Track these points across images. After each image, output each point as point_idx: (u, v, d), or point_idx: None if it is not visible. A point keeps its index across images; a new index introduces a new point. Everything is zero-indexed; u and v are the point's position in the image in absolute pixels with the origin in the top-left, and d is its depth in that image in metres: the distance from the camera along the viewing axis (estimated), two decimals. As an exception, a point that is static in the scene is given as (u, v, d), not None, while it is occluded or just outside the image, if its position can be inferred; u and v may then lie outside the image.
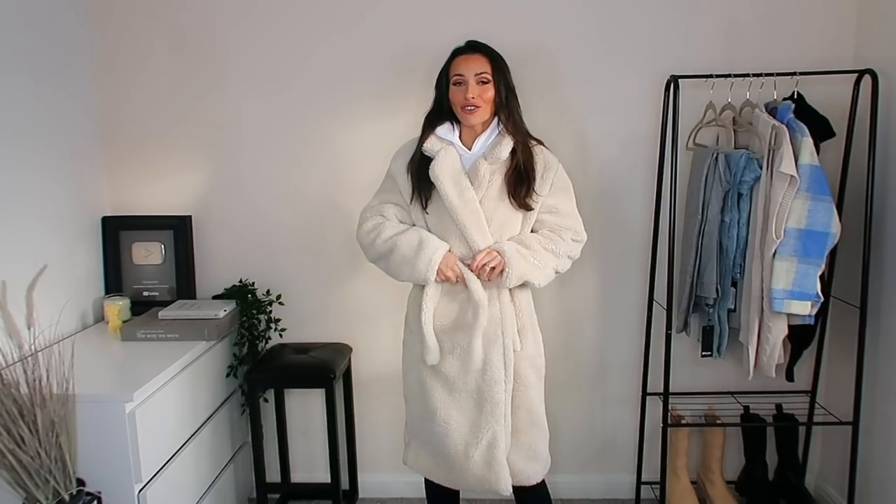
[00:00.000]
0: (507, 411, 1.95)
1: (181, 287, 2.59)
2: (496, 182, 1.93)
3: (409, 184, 1.99)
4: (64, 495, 1.66)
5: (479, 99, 1.89)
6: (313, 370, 2.37)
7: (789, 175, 2.07)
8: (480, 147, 1.96)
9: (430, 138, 1.97)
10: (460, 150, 1.97)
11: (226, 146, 2.57)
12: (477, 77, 1.89)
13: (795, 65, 2.25)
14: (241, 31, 2.50)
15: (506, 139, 1.93)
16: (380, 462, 2.71)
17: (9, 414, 1.58)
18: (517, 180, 1.92)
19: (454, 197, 1.90)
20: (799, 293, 2.12)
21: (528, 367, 2.00)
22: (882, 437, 2.29)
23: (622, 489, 2.71)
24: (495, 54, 1.94)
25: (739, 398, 2.53)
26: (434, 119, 1.99)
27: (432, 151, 1.95)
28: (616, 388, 2.68)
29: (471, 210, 1.91)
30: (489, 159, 1.93)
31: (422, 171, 1.95)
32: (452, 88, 1.93)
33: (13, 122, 2.10)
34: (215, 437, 2.35)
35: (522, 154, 1.93)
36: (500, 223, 1.95)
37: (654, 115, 2.40)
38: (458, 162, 1.94)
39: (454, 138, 1.97)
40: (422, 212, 1.99)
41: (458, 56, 1.94)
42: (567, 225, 2.02)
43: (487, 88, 1.90)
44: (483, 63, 1.91)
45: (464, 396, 1.95)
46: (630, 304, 2.60)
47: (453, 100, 1.94)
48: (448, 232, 1.94)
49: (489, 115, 1.94)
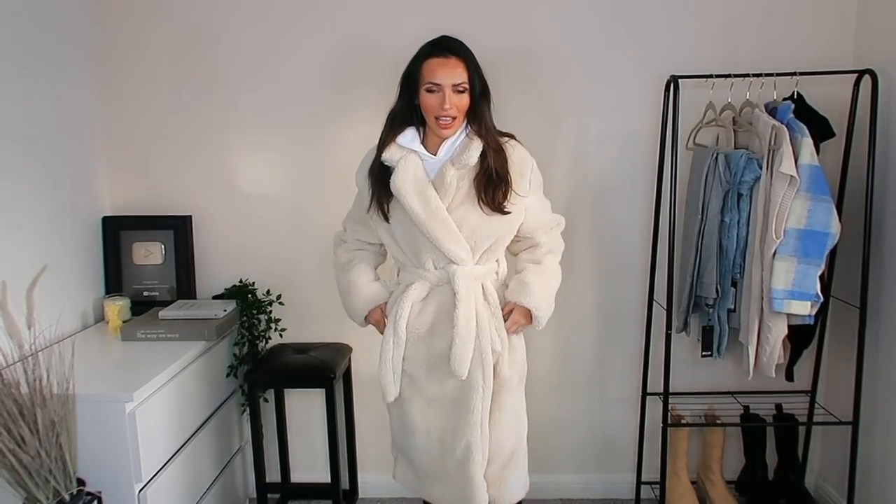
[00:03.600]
0: (483, 419, 1.84)
1: (181, 287, 2.59)
2: (463, 187, 1.80)
3: (368, 194, 1.87)
4: (64, 495, 1.66)
5: (454, 109, 1.76)
6: (313, 370, 2.37)
7: (789, 175, 2.07)
8: (447, 152, 1.82)
9: (390, 147, 1.82)
10: (424, 156, 1.83)
11: (226, 146, 2.57)
12: (454, 87, 1.75)
13: (795, 65, 2.25)
14: (241, 31, 2.50)
15: (475, 142, 1.80)
16: (380, 462, 2.71)
17: (9, 414, 1.58)
18: (486, 184, 1.79)
19: (419, 209, 1.77)
20: (799, 293, 2.12)
21: (507, 366, 1.89)
22: (882, 437, 2.29)
23: (622, 489, 2.71)
24: (470, 55, 1.80)
25: (739, 398, 2.53)
26: (397, 121, 1.84)
27: (392, 161, 1.81)
28: (616, 388, 2.68)
29: (440, 220, 1.77)
30: (457, 164, 1.79)
31: (382, 181, 1.83)
32: (425, 94, 1.78)
33: (13, 121, 2.09)
34: (215, 437, 2.35)
35: (495, 160, 1.80)
36: (471, 229, 1.81)
37: (654, 115, 2.40)
38: (420, 170, 1.81)
39: (417, 146, 1.83)
40: (382, 222, 1.87)
41: (433, 58, 1.77)
42: (549, 220, 1.97)
43: (464, 97, 1.78)
44: (461, 71, 1.76)
45: (444, 404, 1.87)
46: (630, 304, 2.60)
47: (426, 106, 1.79)
48: (419, 245, 1.83)
49: (461, 123, 1.82)
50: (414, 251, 1.85)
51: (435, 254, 1.82)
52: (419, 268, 1.87)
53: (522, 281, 1.91)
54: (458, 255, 1.81)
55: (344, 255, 2.04)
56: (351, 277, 1.99)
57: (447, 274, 1.83)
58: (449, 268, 1.83)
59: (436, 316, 1.87)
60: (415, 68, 1.80)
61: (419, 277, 1.87)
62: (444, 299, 1.85)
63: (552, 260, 1.98)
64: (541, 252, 1.96)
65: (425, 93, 1.78)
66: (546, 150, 2.39)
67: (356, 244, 2.04)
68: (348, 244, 2.05)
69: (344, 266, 2.03)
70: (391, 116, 1.86)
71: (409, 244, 1.85)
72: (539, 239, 1.96)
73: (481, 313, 1.84)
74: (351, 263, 2.01)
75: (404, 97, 1.84)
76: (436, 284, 1.86)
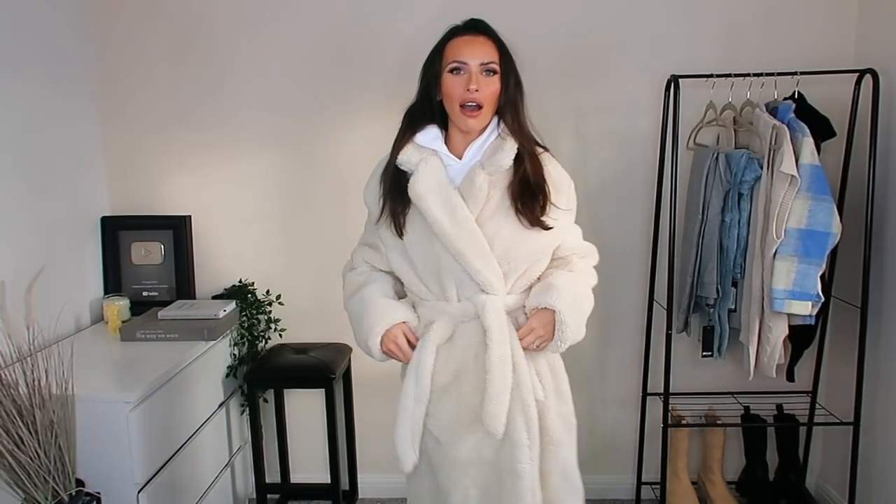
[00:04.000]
0: (535, 486, 1.51)
1: (181, 287, 2.59)
2: (495, 196, 1.52)
3: (379, 204, 1.58)
4: (63, 496, 1.65)
5: (482, 93, 1.48)
6: (313, 370, 2.36)
7: (790, 175, 2.06)
8: (474, 154, 1.54)
9: (407, 148, 1.55)
10: (447, 159, 1.55)
11: (226, 146, 2.57)
12: (483, 66, 1.49)
13: (796, 64, 2.24)
14: (241, 32, 2.50)
15: (508, 142, 1.52)
16: (380, 462, 2.70)
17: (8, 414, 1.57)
18: (523, 192, 1.51)
19: (444, 220, 1.47)
20: (799, 293, 2.11)
21: (556, 419, 1.57)
22: (883, 437, 2.29)
23: (622, 489, 2.70)
24: (501, 39, 1.55)
25: (740, 398, 2.52)
26: (416, 118, 1.58)
27: (409, 164, 1.53)
28: (616, 389, 2.68)
29: (468, 232, 1.48)
30: (488, 168, 1.51)
31: (396, 189, 1.54)
32: (447, 77, 1.51)
33: (13, 121, 2.09)
34: (215, 437, 2.35)
35: (531, 163, 1.52)
36: (504, 247, 1.50)
37: (654, 115, 2.40)
38: (443, 174, 1.53)
39: (440, 145, 1.56)
40: (396, 241, 1.56)
41: (458, 37, 1.52)
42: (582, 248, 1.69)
43: (493, 81, 1.50)
44: (490, 49, 1.50)
45: (483, 472, 1.52)
46: (630, 305, 2.60)
47: (448, 91, 1.51)
48: (440, 267, 1.51)
49: (490, 117, 1.55)
50: (434, 275, 1.54)
51: (460, 279, 1.51)
52: (440, 300, 1.56)
53: (548, 282, 1.56)
54: (489, 279, 1.49)
55: (354, 279, 1.70)
56: (363, 295, 1.62)
57: (474, 307, 1.52)
58: (477, 299, 1.51)
59: (462, 361, 1.53)
60: (437, 53, 1.54)
61: (440, 313, 1.56)
62: (471, 339, 1.53)
63: (586, 278, 1.66)
64: (573, 267, 1.64)
65: (448, 76, 1.51)
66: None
67: (366, 267, 1.72)
68: (357, 270, 1.72)
69: (354, 291, 1.67)
70: (409, 113, 1.60)
71: (428, 266, 1.54)
72: (574, 262, 1.66)
73: (518, 355, 1.51)
74: (363, 285, 1.65)
75: (425, 89, 1.57)
76: (460, 321, 1.54)
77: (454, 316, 1.55)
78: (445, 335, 1.55)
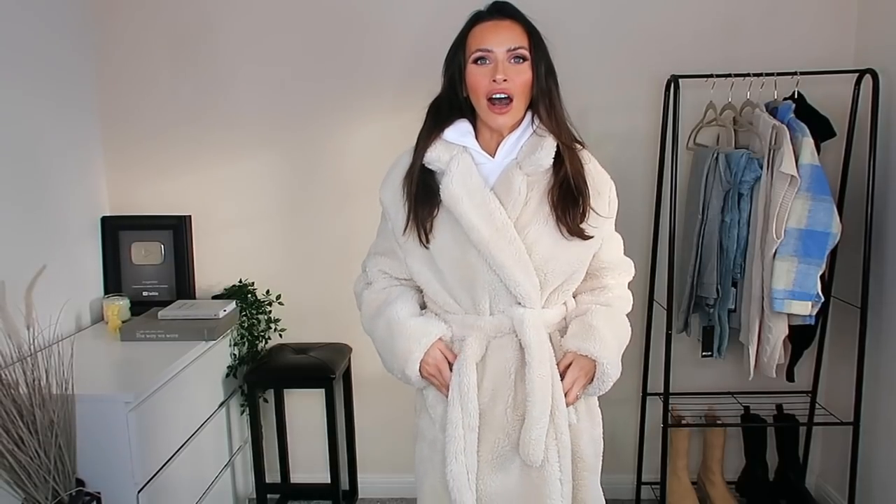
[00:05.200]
0: None
1: (181, 287, 2.59)
2: (533, 200, 1.37)
3: (404, 210, 1.40)
4: (63, 496, 1.65)
5: (512, 83, 1.32)
6: (313, 370, 2.36)
7: (790, 175, 2.06)
8: (508, 151, 1.39)
9: (435, 145, 1.38)
10: (479, 157, 1.40)
11: (226, 146, 2.57)
12: (510, 53, 1.32)
13: (796, 64, 2.24)
14: (241, 31, 2.50)
15: (547, 139, 1.36)
16: (380, 462, 2.71)
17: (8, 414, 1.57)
18: (565, 197, 1.36)
19: (482, 226, 1.32)
20: (799, 293, 2.11)
21: (587, 443, 1.46)
22: (883, 437, 2.29)
23: (622, 489, 2.70)
24: (530, 23, 1.38)
25: (740, 398, 2.52)
26: (443, 112, 1.41)
27: (439, 163, 1.37)
28: (616, 388, 2.62)
29: (507, 240, 1.32)
30: (526, 168, 1.36)
31: (424, 192, 1.38)
32: (472, 69, 1.34)
33: (13, 121, 2.09)
34: (215, 437, 2.35)
35: (571, 163, 1.37)
36: (543, 257, 1.35)
37: (654, 115, 2.40)
38: (476, 174, 1.37)
39: (471, 141, 1.40)
40: (420, 251, 1.40)
41: (481, 23, 1.36)
42: (620, 261, 1.53)
43: (524, 69, 1.33)
44: (518, 33, 1.34)
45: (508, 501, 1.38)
46: (630, 304, 2.60)
47: (473, 84, 1.34)
48: (475, 278, 1.35)
49: (523, 112, 1.38)
50: (467, 287, 1.38)
51: (495, 290, 1.36)
52: (471, 313, 1.40)
53: (588, 323, 1.41)
54: (527, 291, 1.35)
55: (373, 297, 1.51)
56: (389, 319, 1.43)
57: (509, 321, 1.37)
58: (513, 312, 1.36)
59: (496, 382, 1.39)
60: (459, 42, 1.39)
61: (471, 329, 1.40)
62: (506, 357, 1.39)
63: (623, 307, 1.53)
64: (610, 296, 1.50)
65: (472, 67, 1.34)
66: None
67: (384, 281, 1.52)
68: (374, 285, 1.53)
69: (375, 313, 1.48)
70: (434, 106, 1.43)
71: (460, 277, 1.37)
72: (607, 281, 1.51)
73: (556, 375, 1.37)
74: (386, 304, 1.47)
75: (449, 83, 1.41)
76: (493, 337, 1.39)
77: (486, 331, 1.39)
78: (480, 353, 1.39)
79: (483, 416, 1.37)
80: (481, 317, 1.39)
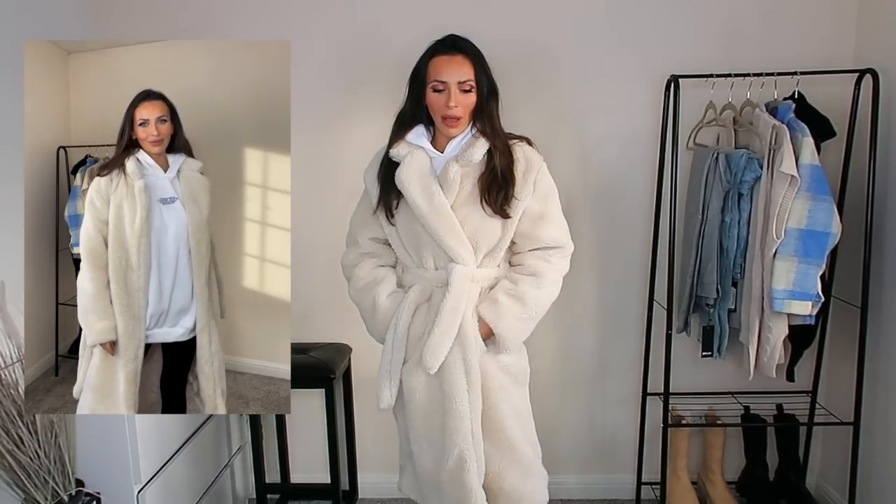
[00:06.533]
0: (475, 426, 1.76)
1: (181, 287, 2.58)
2: (467, 186, 1.78)
3: (376, 191, 1.86)
4: (63, 496, 1.65)
5: (460, 108, 1.75)
6: (313, 370, 2.36)
7: (790, 175, 2.06)
8: (453, 149, 1.81)
9: (399, 144, 1.82)
10: (431, 153, 1.82)
11: (225, 146, 2.57)
12: (460, 85, 1.74)
13: (796, 64, 2.24)
14: (242, 31, 2.49)
15: (480, 141, 1.78)
16: (380, 462, 2.70)
17: (7, 414, 1.57)
18: (491, 184, 1.76)
19: (423, 203, 1.75)
20: (799, 293, 2.11)
21: (500, 371, 1.83)
22: (883, 437, 2.29)
23: (622, 489, 2.70)
24: (477, 53, 1.78)
25: (740, 398, 2.52)
26: (405, 120, 1.84)
27: (399, 157, 1.80)
28: (616, 389, 2.68)
29: (442, 216, 1.75)
30: (460, 161, 1.77)
31: (389, 178, 1.82)
32: (431, 94, 1.77)
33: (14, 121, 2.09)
34: (215, 437, 2.35)
35: (500, 159, 1.77)
36: (473, 229, 1.78)
37: (654, 115, 2.40)
38: (426, 166, 1.79)
39: (425, 142, 1.82)
40: (388, 222, 1.86)
41: (439, 56, 1.77)
42: (552, 239, 1.84)
43: (470, 96, 1.76)
44: (467, 68, 1.75)
45: (433, 411, 1.79)
46: (630, 304, 2.60)
47: (432, 106, 1.78)
48: (421, 243, 1.81)
49: (468, 123, 1.81)
50: (416, 249, 1.83)
51: (436, 252, 1.80)
52: (420, 267, 1.85)
53: (494, 299, 1.81)
54: (460, 253, 1.77)
55: (363, 274, 1.93)
56: (375, 297, 1.88)
57: (447, 274, 1.78)
58: (449, 266, 1.79)
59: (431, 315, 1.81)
60: (421, 67, 1.80)
61: (420, 279, 1.85)
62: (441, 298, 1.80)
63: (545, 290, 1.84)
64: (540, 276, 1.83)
65: (431, 92, 1.76)
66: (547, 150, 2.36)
67: (371, 246, 1.94)
68: (365, 262, 1.94)
69: (364, 288, 1.91)
70: (400, 116, 1.85)
71: (411, 241, 1.83)
72: (524, 258, 1.86)
73: (468, 315, 1.78)
74: (374, 283, 1.90)
75: (412, 97, 1.82)
76: (436, 286, 1.81)
77: (431, 281, 1.83)
78: (424, 297, 1.83)
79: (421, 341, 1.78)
80: (427, 271, 1.84)
